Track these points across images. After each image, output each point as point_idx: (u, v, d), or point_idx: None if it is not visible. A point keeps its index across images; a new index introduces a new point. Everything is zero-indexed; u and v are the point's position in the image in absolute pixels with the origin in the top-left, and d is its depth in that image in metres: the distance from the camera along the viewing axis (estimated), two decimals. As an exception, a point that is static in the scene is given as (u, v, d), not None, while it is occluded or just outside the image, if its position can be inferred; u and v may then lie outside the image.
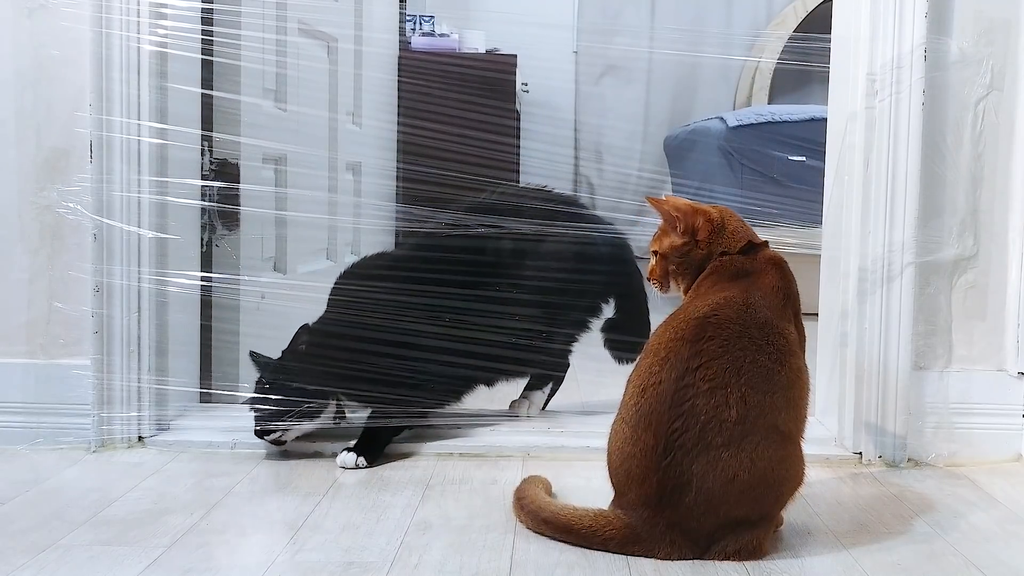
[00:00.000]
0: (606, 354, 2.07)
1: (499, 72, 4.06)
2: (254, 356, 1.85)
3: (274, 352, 1.86)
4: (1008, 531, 1.52)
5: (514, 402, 2.05)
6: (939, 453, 1.85)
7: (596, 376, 2.21)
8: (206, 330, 2.08)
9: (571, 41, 5.80)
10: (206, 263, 2.08)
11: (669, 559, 1.33)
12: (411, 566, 1.32)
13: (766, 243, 1.50)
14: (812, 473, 1.44)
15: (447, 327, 1.86)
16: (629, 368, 1.43)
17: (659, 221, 1.53)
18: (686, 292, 1.50)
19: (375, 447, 1.79)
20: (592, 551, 1.36)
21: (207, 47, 1.96)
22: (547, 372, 2.06)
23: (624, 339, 2.03)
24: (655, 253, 1.52)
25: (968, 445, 1.86)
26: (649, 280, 1.55)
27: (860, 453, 1.85)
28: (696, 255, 1.48)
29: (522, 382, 2.06)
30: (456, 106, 3.52)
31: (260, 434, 1.78)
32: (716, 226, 1.47)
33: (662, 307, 1.56)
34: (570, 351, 2.07)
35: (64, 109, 1.84)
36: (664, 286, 1.53)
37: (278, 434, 1.77)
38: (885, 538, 1.46)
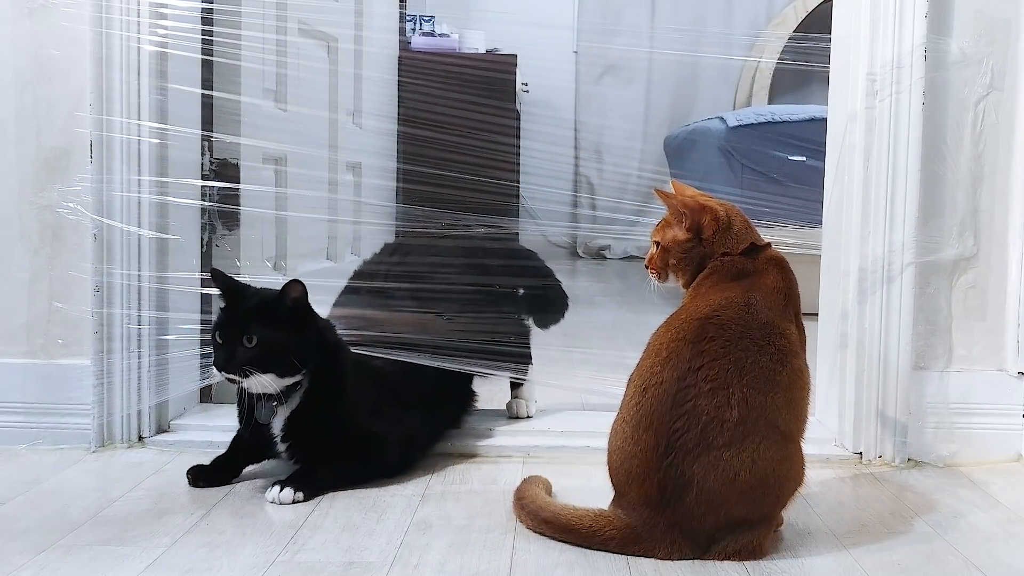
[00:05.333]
0: (606, 355, 2.08)
1: (499, 72, 4.07)
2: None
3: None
4: (1008, 531, 1.52)
5: (509, 404, 2.05)
6: (939, 453, 1.85)
7: (596, 375, 2.21)
8: (206, 330, 2.07)
9: (571, 41, 5.81)
10: (206, 263, 2.08)
11: (669, 559, 1.33)
12: (411, 566, 1.32)
13: (768, 245, 1.50)
14: (812, 473, 1.44)
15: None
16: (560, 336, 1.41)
17: (661, 213, 1.52)
18: (685, 286, 1.49)
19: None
20: (592, 551, 1.36)
21: (207, 47, 1.96)
22: (520, 366, 2.04)
23: (544, 309, 2.09)
24: (656, 244, 1.51)
25: (968, 445, 1.86)
26: (647, 268, 1.53)
27: (860, 453, 1.85)
28: (698, 252, 1.47)
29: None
30: (456, 106, 3.52)
31: None
32: (722, 226, 1.47)
33: (661, 308, 1.56)
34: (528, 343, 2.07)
35: (64, 109, 1.84)
36: (663, 276, 1.51)
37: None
38: (885, 538, 1.46)
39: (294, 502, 1.56)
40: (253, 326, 1.56)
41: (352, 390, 1.66)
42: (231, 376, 1.56)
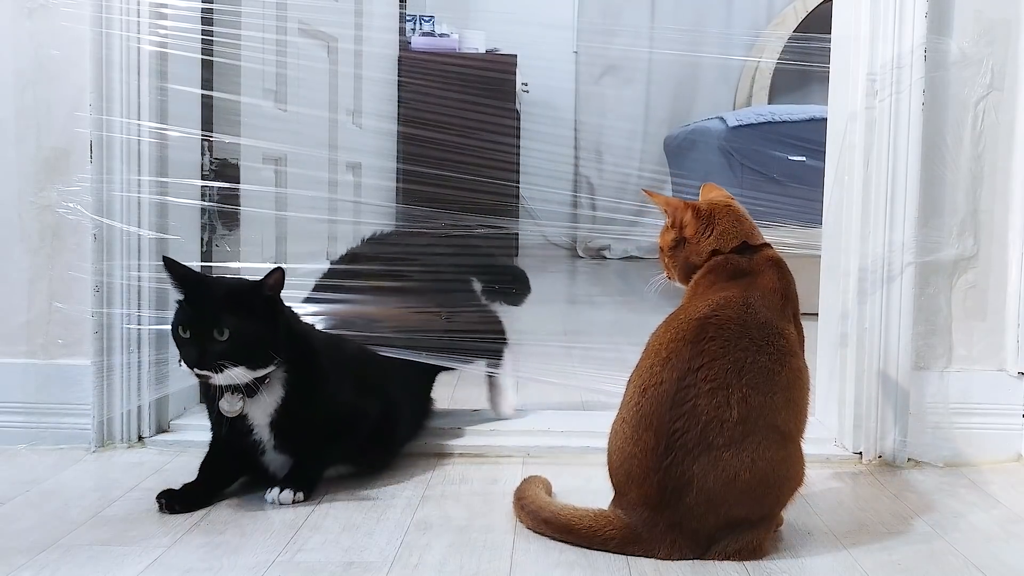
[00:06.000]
0: (606, 353, 2.08)
1: (499, 72, 4.08)
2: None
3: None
4: (1008, 531, 1.52)
5: (492, 401, 2.03)
6: (939, 453, 1.85)
7: (596, 373, 2.21)
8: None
9: (571, 41, 5.81)
10: (206, 263, 2.08)
11: (669, 559, 1.33)
12: (411, 566, 1.32)
13: (765, 244, 1.50)
14: (812, 473, 1.44)
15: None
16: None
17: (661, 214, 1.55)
18: (683, 284, 1.51)
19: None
20: (592, 551, 1.36)
21: (207, 47, 1.96)
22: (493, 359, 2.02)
23: (509, 289, 2.09)
24: (660, 248, 1.54)
25: (968, 445, 1.86)
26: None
27: (860, 453, 1.85)
28: (685, 250, 1.48)
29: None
30: (456, 106, 3.53)
31: None
32: (703, 223, 1.48)
33: (661, 307, 1.56)
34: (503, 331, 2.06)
35: (64, 109, 1.84)
36: (671, 275, 1.55)
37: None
38: (885, 538, 1.46)
39: (294, 503, 1.56)
40: (224, 317, 1.47)
41: (331, 372, 1.63)
42: (204, 372, 1.48)
